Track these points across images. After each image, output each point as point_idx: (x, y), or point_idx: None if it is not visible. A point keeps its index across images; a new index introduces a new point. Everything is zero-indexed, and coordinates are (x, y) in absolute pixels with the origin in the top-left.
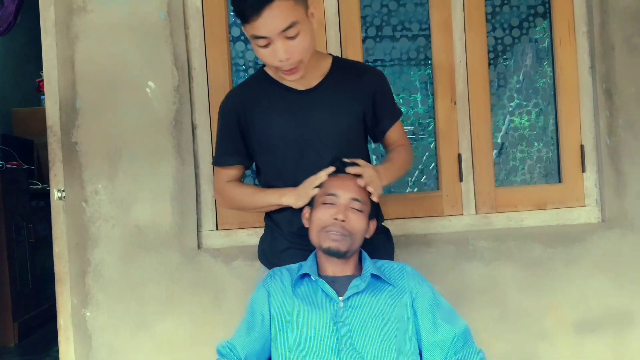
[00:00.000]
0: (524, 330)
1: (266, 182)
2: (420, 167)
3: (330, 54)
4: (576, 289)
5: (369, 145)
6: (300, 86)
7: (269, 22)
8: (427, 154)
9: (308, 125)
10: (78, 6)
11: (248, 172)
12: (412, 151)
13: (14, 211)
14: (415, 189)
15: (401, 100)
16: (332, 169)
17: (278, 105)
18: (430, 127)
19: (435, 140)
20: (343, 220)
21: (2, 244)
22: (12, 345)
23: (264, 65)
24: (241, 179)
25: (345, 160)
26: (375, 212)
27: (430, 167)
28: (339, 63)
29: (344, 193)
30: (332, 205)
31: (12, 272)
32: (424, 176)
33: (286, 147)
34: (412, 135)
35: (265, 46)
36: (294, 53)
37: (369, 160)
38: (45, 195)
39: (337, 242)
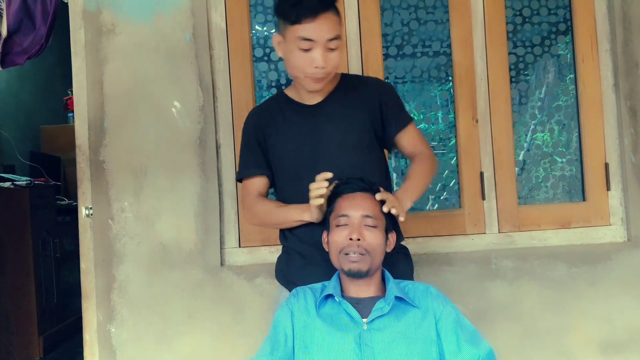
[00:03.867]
0: (548, 350)
1: (282, 196)
2: (441, 183)
3: (339, 73)
4: (601, 309)
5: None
6: (311, 101)
7: (321, 27)
8: (446, 171)
9: (318, 137)
10: (107, 29)
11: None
12: (433, 159)
13: (40, 226)
14: (436, 206)
15: (422, 117)
16: (329, 174)
17: (290, 120)
18: (452, 143)
19: (457, 158)
20: (359, 239)
21: (28, 258)
22: (37, 359)
23: (284, 88)
24: (266, 194)
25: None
26: (392, 224)
27: (451, 184)
28: (345, 78)
29: (355, 212)
30: (346, 226)
31: (38, 286)
32: (445, 192)
33: (299, 159)
34: (434, 151)
35: (307, 50)
36: (328, 64)
37: (387, 173)
38: (71, 210)
39: (356, 262)
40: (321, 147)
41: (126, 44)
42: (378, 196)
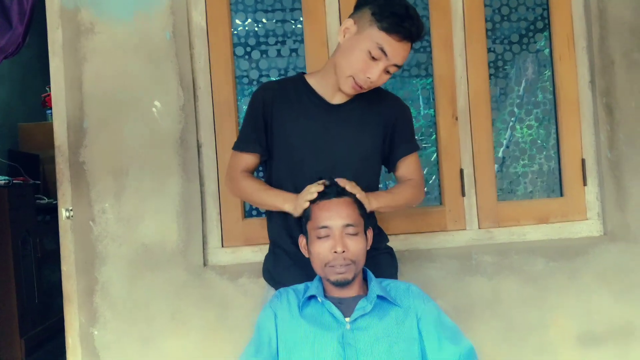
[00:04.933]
0: (527, 343)
1: (276, 179)
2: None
3: None
4: (579, 302)
5: None
6: (332, 99)
7: (400, 51)
8: (426, 168)
9: (331, 135)
10: (85, 28)
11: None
12: (420, 188)
13: (20, 226)
14: None
15: None
16: (321, 187)
17: (307, 110)
18: (433, 137)
19: (437, 156)
20: (343, 251)
21: (8, 259)
22: None
23: (304, 73)
24: (253, 172)
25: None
26: (370, 221)
27: (431, 181)
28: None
29: (335, 222)
30: (327, 237)
31: (19, 287)
32: (425, 189)
33: (304, 150)
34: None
35: (373, 59)
36: (379, 82)
37: (377, 185)
38: (51, 209)
39: (343, 274)
40: (329, 145)
41: (105, 43)
42: (342, 182)
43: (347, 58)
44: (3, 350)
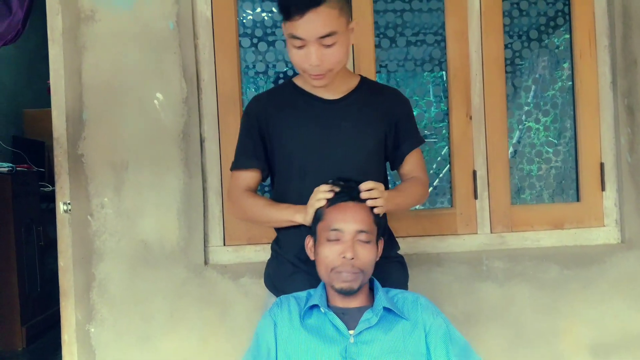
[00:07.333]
0: (538, 352)
1: (280, 191)
2: (434, 183)
3: (359, 75)
4: (593, 311)
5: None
6: (326, 95)
7: (310, 25)
8: (435, 164)
9: (331, 133)
10: (86, 15)
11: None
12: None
13: (23, 214)
14: (427, 204)
15: (416, 112)
16: (330, 194)
17: (303, 113)
18: (443, 132)
19: (449, 153)
20: (352, 258)
21: (11, 246)
22: (20, 349)
23: (292, 77)
24: (256, 190)
25: (350, 181)
26: (383, 230)
27: (441, 175)
28: (366, 82)
29: (349, 226)
30: (337, 241)
31: (21, 275)
32: (436, 190)
33: (306, 153)
34: (427, 148)
35: (300, 47)
36: (325, 61)
37: (386, 184)
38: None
39: (349, 282)
40: (332, 146)
41: (106, 32)
42: (364, 186)
43: (291, 59)
44: (4, 338)
